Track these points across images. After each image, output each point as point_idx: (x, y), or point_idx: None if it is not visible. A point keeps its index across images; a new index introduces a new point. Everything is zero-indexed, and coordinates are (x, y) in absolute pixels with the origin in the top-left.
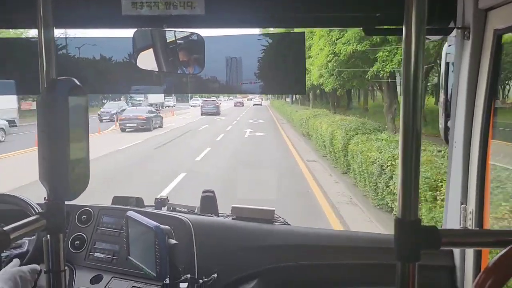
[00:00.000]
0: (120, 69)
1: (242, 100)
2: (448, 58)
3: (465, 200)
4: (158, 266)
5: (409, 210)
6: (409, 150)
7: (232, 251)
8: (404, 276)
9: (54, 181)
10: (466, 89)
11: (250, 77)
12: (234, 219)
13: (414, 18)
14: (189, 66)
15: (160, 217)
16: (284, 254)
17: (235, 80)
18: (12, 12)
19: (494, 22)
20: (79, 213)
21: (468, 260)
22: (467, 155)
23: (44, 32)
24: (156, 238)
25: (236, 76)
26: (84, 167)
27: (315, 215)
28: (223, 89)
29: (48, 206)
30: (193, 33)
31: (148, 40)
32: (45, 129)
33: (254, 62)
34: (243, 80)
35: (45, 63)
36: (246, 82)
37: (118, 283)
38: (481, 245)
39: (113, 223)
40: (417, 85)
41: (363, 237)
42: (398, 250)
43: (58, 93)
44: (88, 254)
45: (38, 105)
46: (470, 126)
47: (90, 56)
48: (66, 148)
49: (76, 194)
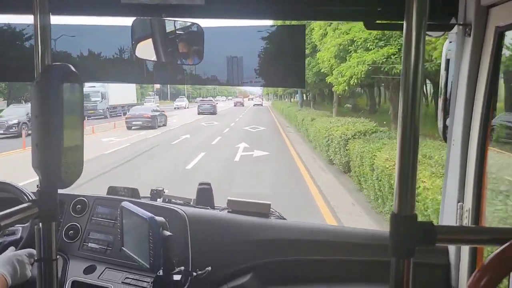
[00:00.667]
0: (117, 58)
1: (242, 100)
2: (448, 55)
3: (462, 198)
4: (152, 257)
5: (405, 205)
6: (407, 145)
7: (227, 244)
8: (399, 272)
9: (47, 169)
10: (465, 87)
11: (249, 70)
12: (230, 212)
13: (415, 14)
14: (188, 57)
15: (155, 209)
16: (280, 248)
17: (235, 73)
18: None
19: (495, 19)
20: (74, 202)
21: (463, 258)
22: (465, 153)
23: (40, 18)
24: (151, 230)
25: (237, 69)
26: (78, 155)
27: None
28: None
29: (40, 194)
30: (193, 24)
31: (147, 30)
32: (39, 116)
33: (254, 55)
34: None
35: (40, 49)
36: (247, 81)
37: (112, 273)
38: (477, 243)
39: (107, 213)
40: (416, 80)
41: (360, 233)
42: (393, 246)
43: (52, 80)
44: (82, 244)
45: (32, 91)
46: (468, 124)
47: (86, 44)
48: (60, 135)
49: (69, 182)
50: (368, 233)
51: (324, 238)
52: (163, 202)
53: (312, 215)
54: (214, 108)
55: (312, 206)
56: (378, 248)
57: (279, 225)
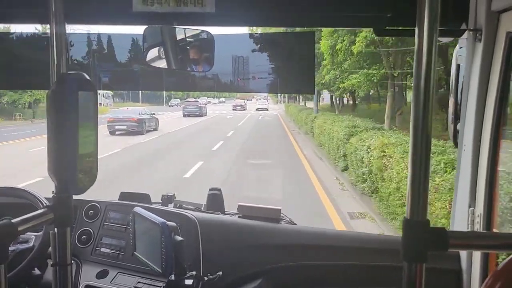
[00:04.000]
0: (129, 66)
1: (244, 103)
2: (459, 60)
3: (473, 204)
4: (164, 262)
5: (417, 211)
6: (419, 151)
7: (237, 249)
8: (411, 277)
9: (62, 175)
10: (476, 92)
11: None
12: (240, 217)
13: (427, 19)
14: (198, 64)
15: (167, 214)
16: (290, 253)
17: (242, 79)
18: (25, 7)
19: (507, 25)
20: (87, 208)
21: (475, 263)
22: (476, 158)
23: (55, 27)
24: (162, 235)
25: (244, 75)
26: (93, 161)
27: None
28: (229, 87)
29: (55, 200)
30: (203, 31)
31: (158, 37)
32: (55, 123)
33: (263, 61)
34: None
35: (56, 58)
36: (249, 78)
37: (124, 278)
38: (489, 248)
39: (119, 218)
40: (428, 86)
41: (370, 238)
42: (405, 250)
43: (68, 88)
44: (94, 249)
45: (48, 99)
46: (480, 129)
47: (100, 52)
48: (75, 143)
49: (84, 188)
50: (379, 238)
51: (335, 243)
52: (174, 208)
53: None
54: (201, 110)
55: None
56: (389, 253)
57: (289, 230)
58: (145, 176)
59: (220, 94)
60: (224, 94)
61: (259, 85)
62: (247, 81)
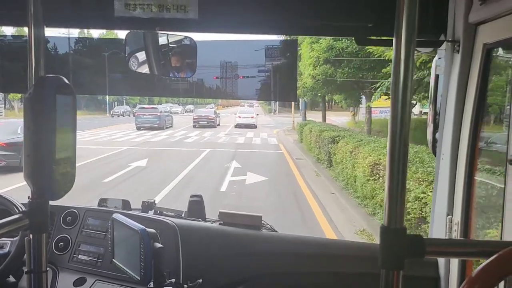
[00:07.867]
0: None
1: (215, 114)
2: (438, 70)
3: (451, 212)
4: (143, 269)
5: (394, 218)
6: (396, 159)
7: (218, 256)
8: (388, 284)
9: (38, 180)
10: (454, 102)
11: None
12: (221, 225)
13: (405, 30)
14: (181, 70)
15: (147, 221)
16: (271, 261)
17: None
18: (2, 9)
19: (483, 36)
20: (65, 214)
21: (452, 271)
22: (454, 167)
23: (34, 30)
24: (142, 242)
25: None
26: (70, 167)
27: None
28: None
29: (31, 205)
30: (186, 37)
31: (140, 42)
32: (31, 127)
33: (247, 68)
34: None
35: (34, 60)
36: (241, 95)
37: (102, 286)
38: (465, 255)
39: (98, 225)
40: (405, 95)
41: (351, 245)
42: (382, 258)
43: (46, 91)
44: (72, 256)
45: (25, 102)
46: (457, 139)
47: (80, 56)
48: (52, 147)
49: (60, 194)
50: (359, 245)
51: (315, 250)
52: (154, 214)
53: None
54: (161, 120)
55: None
56: (369, 260)
57: (270, 238)
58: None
59: (194, 100)
60: (200, 101)
61: (241, 91)
62: (229, 85)
